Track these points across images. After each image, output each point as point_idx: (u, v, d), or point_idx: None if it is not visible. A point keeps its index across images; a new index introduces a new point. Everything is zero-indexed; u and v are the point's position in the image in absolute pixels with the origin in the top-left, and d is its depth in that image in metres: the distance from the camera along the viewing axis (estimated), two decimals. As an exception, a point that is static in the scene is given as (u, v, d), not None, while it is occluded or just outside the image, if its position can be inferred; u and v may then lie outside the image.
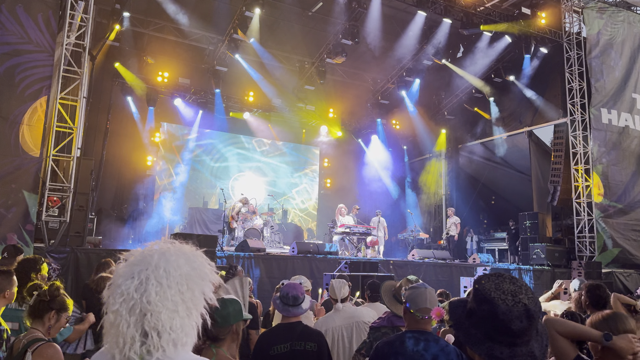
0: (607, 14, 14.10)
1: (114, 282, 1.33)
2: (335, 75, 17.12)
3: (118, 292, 1.29)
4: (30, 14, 8.70)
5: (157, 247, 1.37)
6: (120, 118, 14.59)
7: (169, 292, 1.29)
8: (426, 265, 11.11)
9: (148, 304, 1.27)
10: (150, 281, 1.29)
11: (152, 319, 1.27)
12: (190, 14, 13.72)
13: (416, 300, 2.77)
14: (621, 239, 13.08)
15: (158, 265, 1.31)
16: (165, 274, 1.31)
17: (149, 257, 1.33)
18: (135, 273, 1.31)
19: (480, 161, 18.08)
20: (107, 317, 1.31)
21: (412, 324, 2.77)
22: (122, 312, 1.27)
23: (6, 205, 8.07)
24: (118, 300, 1.28)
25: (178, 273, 1.32)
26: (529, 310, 1.40)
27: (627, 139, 13.80)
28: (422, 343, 2.63)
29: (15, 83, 8.47)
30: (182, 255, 1.36)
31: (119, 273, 1.33)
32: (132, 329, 1.26)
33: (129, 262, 1.35)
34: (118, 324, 1.27)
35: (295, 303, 3.31)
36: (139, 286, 1.28)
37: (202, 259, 1.41)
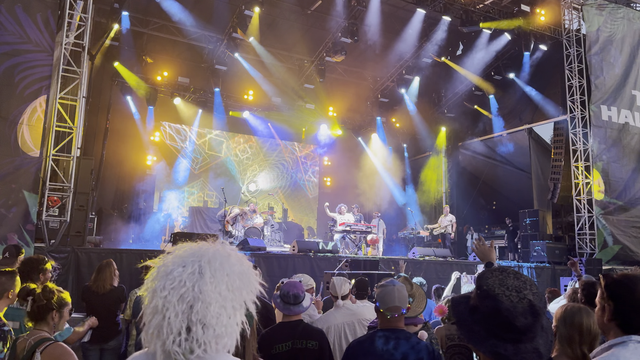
0: (606, 11, 14.08)
1: (161, 270, 1.28)
2: (335, 74, 17.10)
3: (169, 279, 1.24)
4: (29, 13, 8.69)
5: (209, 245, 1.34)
6: (120, 117, 14.57)
7: (221, 286, 1.27)
8: (427, 263, 11.10)
9: (200, 293, 1.23)
10: (205, 270, 1.26)
11: (201, 309, 1.22)
12: (189, 13, 13.70)
13: (385, 299, 2.76)
14: (622, 235, 13.07)
15: (214, 257, 1.29)
16: (220, 266, 1.29)
17: (204, 250, 1.31)
18: (187, 262, 1.27)
19: (480, 159, 18.07)
20: (152, 304, 1.25)
21: (383, 323, 2.77)
22: (172, 299, 1.22)
23: (6, 205, 8.07)
24: (168, 287, 1.24)
25: (232, 270, 1.31)
26: (533, 306, 1.37)
27: (627, 136, 13.79)
28: (392, 342, 2.63)
29: (14, 83, 8.46)
30: (235, 256, 1.35)
31: (168, 262, 1.29)
32: (179, 319, 1.21)
33: (179, 253, 1.31)
34: (165, 312, 1.22)
35: (296, 301, 3.30)
36: (192, 275, 1.25)
37: (251, 265, 1.39)
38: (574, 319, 2.33)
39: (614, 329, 1.92)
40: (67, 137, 8.85)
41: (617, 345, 1.87)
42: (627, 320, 1.90)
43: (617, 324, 1.92)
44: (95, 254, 8.05)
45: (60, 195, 8.59)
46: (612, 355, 1.84)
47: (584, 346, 2.27)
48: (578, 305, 2.49)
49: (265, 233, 13.53)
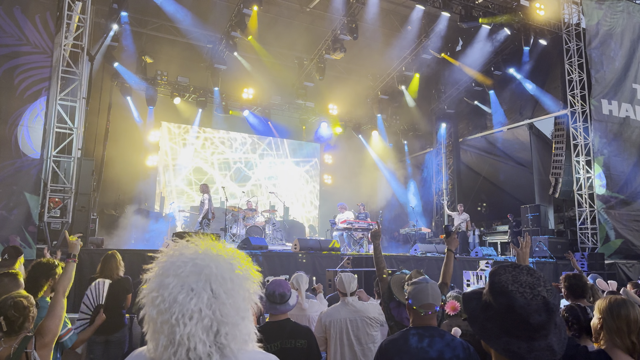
0: (606, 5, 14.03)
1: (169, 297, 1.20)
2: (335, 71, 17.08)
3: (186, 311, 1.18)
4: (28, 15, 8.69)
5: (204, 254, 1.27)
6: (120, 118, 14.58)
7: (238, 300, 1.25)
8: (428, 260, 11.11)
9: (222, 317, 1.20)
10: (220, 294, 1.22)
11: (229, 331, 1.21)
12: (188, 13, 13.69)
13: (418, 296, 2.72)
14: (624, 230, 13.05)
15: (223, 276, 1.24)
16: (232, 283, 1.25)
17: (206, 268, 1.24)
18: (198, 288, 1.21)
19: (481, 154, 18.06)
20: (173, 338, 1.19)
21: (416, 321, 2.72)
22: (198, 332, 1.18)
23: (8, 207, 8.07)
24: (189, 322, 1.18)
25: (240, 280, 1.28)
26: (548, 304, 1.35)
27: (628, 130, 13.76)
28: (427, 339, 2.58)
29: (14, 85, 8.46)
30: (233, 260, 1.32)
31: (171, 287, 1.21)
32: (207, 346, 1.19)
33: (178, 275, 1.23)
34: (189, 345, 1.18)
35: (282, 300, 3.24)
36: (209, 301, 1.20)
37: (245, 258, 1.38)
38: (620, 311, 2.37)
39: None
40: (68, 138, 8.85)
41: None
42: None
43: None
44: (97, 254, 8.05)
45: (62, 197, 8.60)
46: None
47: (633, 336, 2.33)
48: (621, 297, 2.52)
49: (266, 231, 13.53)
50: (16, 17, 8.58)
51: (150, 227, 13.72)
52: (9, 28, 8.52)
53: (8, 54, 8.51)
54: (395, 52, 15.97)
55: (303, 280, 4.66)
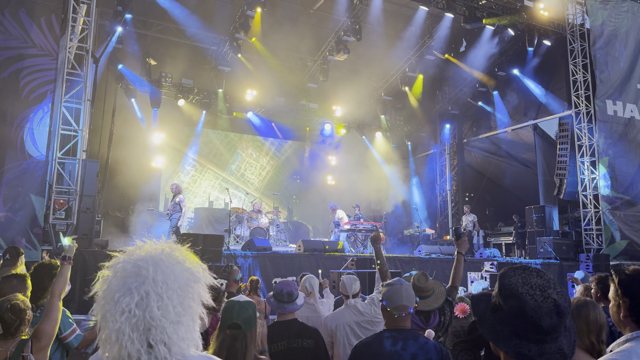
0: (610, 5, 13.99)
1: (108, 296, 1.26)
2: (338, 73, 17.07)
3: (118, 310, 1.23)
4: (33, 18, 8.75)
5: (148, 256, 1.31)
6: (125, 120, 14.62)
7: (170, 305, 1.26)
8: (433, 261, 11.09)
9: (152, 320, 1.23)
10: (151, 296, 1.25)
11: (158, 332, 1.24)
12: (192, 15, 13.73)
13: (392, 298, 2.70)
14: (629, 230, 13.00)
15: (155, 278, 1.27)
16: (164, 286, 1.27)
17: (144, 269, 1.27)
18: (133, 288, 1.25)
19: (486, 155, 18.02)
20: (107, 334, 1.25)
21: (390, 323, 2.72)
22: (126, 329, 1.22)
23: (14, 209, 8.13)
24: (119, 319, 1.23)
25: (177, 284, 1.29)
26: (558, 306, 1.34)
27: (634, 130, 13.71)
28: (401, 342, 2.58)
29: (19, 87, 8.52)
30: (176, 263, 1.33)
31: (113, 287, 1.27)
32: (137, 344, 1.22)
33: (120, 275, 1.28)
34: (121, 341, 1.22)
35: (290, 299, 3.27)
36: (140, 302, 1.24)
37: (195, 261, 1.38)
38: (581, 311, 2.39)
39: (630, 324, 1.94)
40: (73, 140, 8.89)
41: (633, 340, 1.89)
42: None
43: (633, 320, 1.93)
44: (102, 256, 8.09)
45: (67, 198, 8.64)
46: (628, 350, 1.86)
47: (592, 336, 2.33)
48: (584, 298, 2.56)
49: (270, 233, 13.55)
50: (22, 20, 8.64)
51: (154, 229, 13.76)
52: (14, 31, 8.58)
53: (14, 57, 8.57)
54: (398, 53, 15.96)
55: (315, 282, 4.66)
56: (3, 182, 8.28)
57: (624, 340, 1.92)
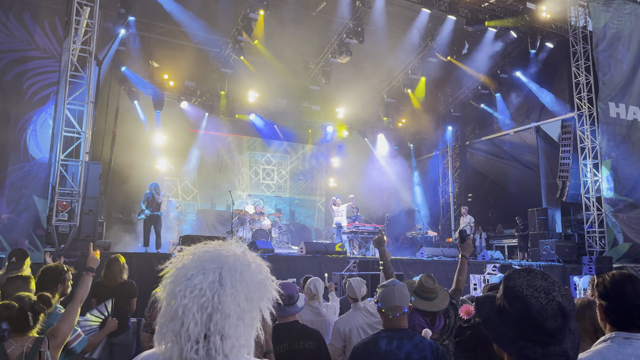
0: (613, 7, 13.97)
1: (181, 273, 1.25)
2: (341, 75, 17.10)
3: (189, 285, 1.22)
4: (37, 20, 8.79)
5: (231, 248, 1.32)
6: (128, 122, 14.66)
7: (240, 297, 1.25)
8: (435, 264, 11.08)
9: (219, 304, 1.21)
10: (226, 281, 1.24)
11: (220, 320, 1.21)
12: (195, 17, 13.77)
13: (385, 299, 2.77)
14: (632, 233, 12.96)
15: (235, 267, 1.27)
16: (240, 277, 1.26)
17: (225, 257, 1.28)
18: (208, 269, 1.24)
19: (488, 158, 18.00)
20: (170, 309, 1.23)
21: (386, 323, 2.78)
22: (192, 307, 1.20)
23: (17, 211, 8.16)
24: (188, 295, 1.21)
25: (251, 280, 1.29)
26: (563, 309, 1.35)
27: (637, 133, 13.68)
28: (396, 342, 2.64)
29: (23, 90, 8.56)
30: (255, 264, 1.33)
31: (188, 265, 1.26)
32: (198, 327, 1.20)
33: (198, 256, 1.28)
34: (184, 319, 1.20)
35: (290, 302, 3.28)
36: (212, 284, 1.23)
37: (269, 272, 1.38)
38: (585, 312, 2.43)
39: (607, 326, 2.00)
40: (76, 142, 8.92)
41: (604, 342, 1.94)
42: (616, 319, 1.97)
43: (609, 322, 1.99)
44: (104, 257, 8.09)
45: (70, 200, 8.66)
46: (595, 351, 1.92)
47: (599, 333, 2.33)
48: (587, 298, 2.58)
49: (272, 235, 13.56)
50: (26, 23, 8.69)
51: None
52: (18, 33, 8.62)
53: (17, 59, 8.61)
54: (401, 55, 15.98)
55: (320, 285, 4.66)
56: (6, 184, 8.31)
57: (600, 341, 1.98)
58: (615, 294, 1.98)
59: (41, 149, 8.69)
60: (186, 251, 1.32)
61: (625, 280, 2.00)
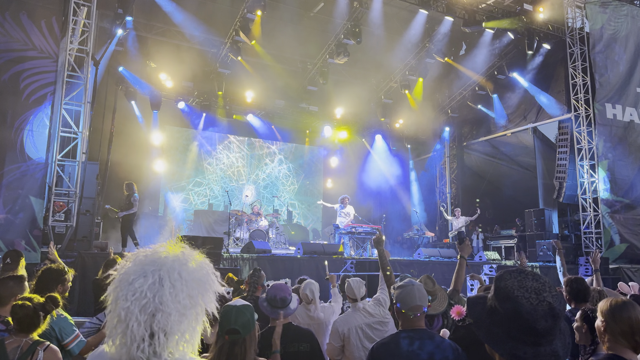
0: (610, 9, 14.02)
1: (123, 278, 1.32)
2: (338, 76, 17.10)
3: (130, 290, 1.29)
4: (34, 20, 8.77)
5: (168, 250, 1.38)
6: (125, 122, 14.62)
7: (180, 295, 1.31)
8: (432, 264, 11.09)
9: (160, 304, 1.28)
10: (165, 282, 1.30)
11: (162, 319, 1.27)
12: (192, 17, 13.76)
13: (405, 299, 2.73)
14: (628, 234, 13.00)
15: (173, 267, 1.33)
16: (179, 276, 1.32)
17: (163, 258, 1.34)
18: (148, 272, 1.31)
19: (485, 158, 18.04)
20: (115, 313, 1.30)
21: (405, 324, 2.75)
22: (134, 310, 1.27)
23: (13, 211, 8.13)
24: (130, 298, 1.28)
25: (191, 278, 1.34)
26: (553, 309, 1.36)
27: (633, 134, 13.73)
28: (417, 342, 2.61)
29: (20, 90, 8.54)
30: (194, 262, 1.39)
31: (129, 271, 1.33)
32: (142, 328, 1.26)
33: (139, 261, 1.34)
34: (128, 321, 1.27)
35: (283, 305, 3.26)
36: (152, 285, 1.29)
37: (210, 267, 1.44)
38: (622, 313, 2.37)
39: None
40: (73, 142, 8.91)
41: None
42: None
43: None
44: (101, 258, 8.08)
45: (66, 200, 8.64)
46: None
47: (637, 336, 2.34)
48: (622, 299, 2.52)
49: (270, 235, 13.55)
50: (22, 23, 8.66)
51: (154, 231, 13.77)
52: (15, 33, 8.59)
53: (14, 59, 8.59)
54: (398, 56, 15.98)
55: (316, 288, 4.64)
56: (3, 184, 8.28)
57: None
58: None
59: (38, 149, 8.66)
60: (128, 257, 1.39)
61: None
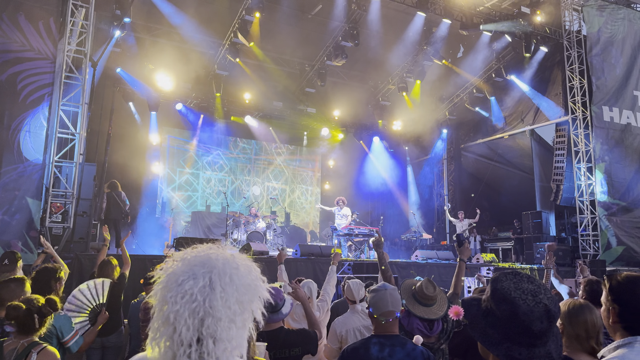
0: (607, 12, 14.08)
1: (172, 278, 1.26)
2: (336, 78, 17.12)
3: (180, 291, 1.23)
4: (32, 21, 8.76)
5: (219, 252, 1.33)
6: (122, 123, 14.61)
7: (231, 300, 1.26)
8: (430, 266, 11.09)
9: (210, 309, 1.23)
10: (215, 285, 1.25)
11: (212, 324, 1.22)
12: (190, 19, 13.76)
13: (378, 304, 2.70)
14: (625, 236, 13.03)
15: (224, 270, 1.28)
16: (230, 280, 1.28)
17: (214, 260, 1.29)
18: (198, 274, 1.25)
19: (483, 161, 18.06)
20: (162, 315, 1.24)
21: (378, 329, 2.72)
22: (184, 313, 1.21)
23: (10, 213, 8.11)
24: (180, 301, 1.22)
25: (241, 282, 1.30)
26: (549, 311, 1.38)
27: (630, 137, 13.77)
28: (388, 349, 2.58)
29: (17, 90, 8.52)
30: (244, 266, 1.34)
31: (179, 271, 1.27)
32: (190, 332, 1.21)
33: (188, 262, 1.29)
34: (177, 325, 1.21)
35: (274, 310, 3.20)
36: (203, 288, 1.24)
37: (258, 271, 1.39)
38: (579, 317, 2.35)
39: (620, 330, 1.96)
40: (70, 143, 8.89)
41: (624, 347, 1.90)
42: (632, 324, 1.92)
43: (622, 326, 1.95)
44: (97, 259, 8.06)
45: (63, 202, 8.63)
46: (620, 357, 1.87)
47: (592, 340, 2.32)
48: (579, 301, 2.50)
49: (267, 237, 13.54)
50: (20, 24, 8.65)
51: (151, 232, 13.75)
52: (12, 34, 8.58)
53: (12, 60, 8.57)
54: (396, 58, 16.00)
55: (314, 287, 4.64)
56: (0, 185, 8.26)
57: (615, 346, 1.94)
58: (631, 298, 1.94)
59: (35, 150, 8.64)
60: (176, 256, 1.33)
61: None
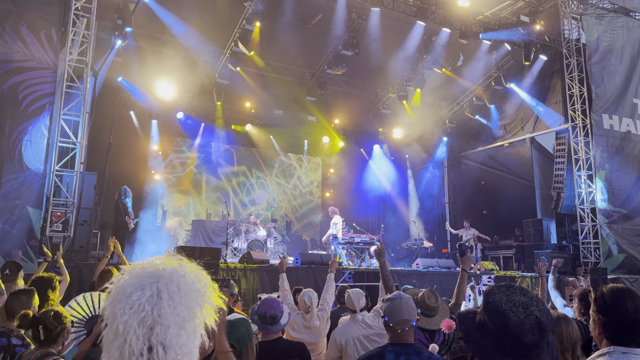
0: (606, 20, 14.15)
1: (121, 291, 1.30)
2: (336, 86, 17.19)
3: (128, 303, 1.26)
4: (33, 31, 8.80)
5: (166, 263, 1.36)
6: (123, 132, 14.64)
7: (179, 308, 1.29)
8: (431, 275, 11.06)
9: (159, 317, 1.25)
10: (163, 294, 1.28)
11: (161, 332, 1.25)
12: (191, 28, 13.83)
13: (393, 313, 2.71)
14: (626, 244, 13.00)
15: (171, 279, 1.31)
16: (177, 288, 1.30)
17: (162, 270, 1.32)
18: (146, 285, 1.28)
19: (483, 169, 18.06)
20: (112, 327, 1.27)
21: (393, 337, 2.73)
22: (133, 323, 1.24)
23: (10, 222, 8.11)
24: (128, 311, 1.25)
25: (189, 290, 1.33)
26: (540, 323, 1.39)
27: (630, 144, 13.78)
28: (403, 357, 2.57)
29: (18, 100, 8.55)
30: (192, 274, 1.37)
31: (127, 283, 1.30)
32: (140, 341, 1.24)
33: (136, 274, 1.32)
34: (126, 335, 1.24)
35: (273, 322, 3.25)
36: (151, 298, 1.27)
37: (207, 279, 1.42)
38: (554, 328, 2.35)
39: (605, 341, 1.99)
40: (71, 152, 8.91)
41: (603, 356, 1.94)
42: (615, 334, 1.96)
43: (606, 337, 1.98)
44: (98, 269, 8.05)
45: (64, 211, 8.63)
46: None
47: (567, 353, 2.33)
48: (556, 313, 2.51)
49: (268, 245, 13.52)
50: (22, 34, 8.70)
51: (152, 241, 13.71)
52: (14, 44, 8.63)
53: (13, 70, 8.61)
54: (396, 66, 16.07)
55: (314, 297, 4.63)
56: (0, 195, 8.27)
57: (597, 355, 1.97)
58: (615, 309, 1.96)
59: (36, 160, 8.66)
60: (125, 270, 1.36)
61: (626, 295, 1.99)
